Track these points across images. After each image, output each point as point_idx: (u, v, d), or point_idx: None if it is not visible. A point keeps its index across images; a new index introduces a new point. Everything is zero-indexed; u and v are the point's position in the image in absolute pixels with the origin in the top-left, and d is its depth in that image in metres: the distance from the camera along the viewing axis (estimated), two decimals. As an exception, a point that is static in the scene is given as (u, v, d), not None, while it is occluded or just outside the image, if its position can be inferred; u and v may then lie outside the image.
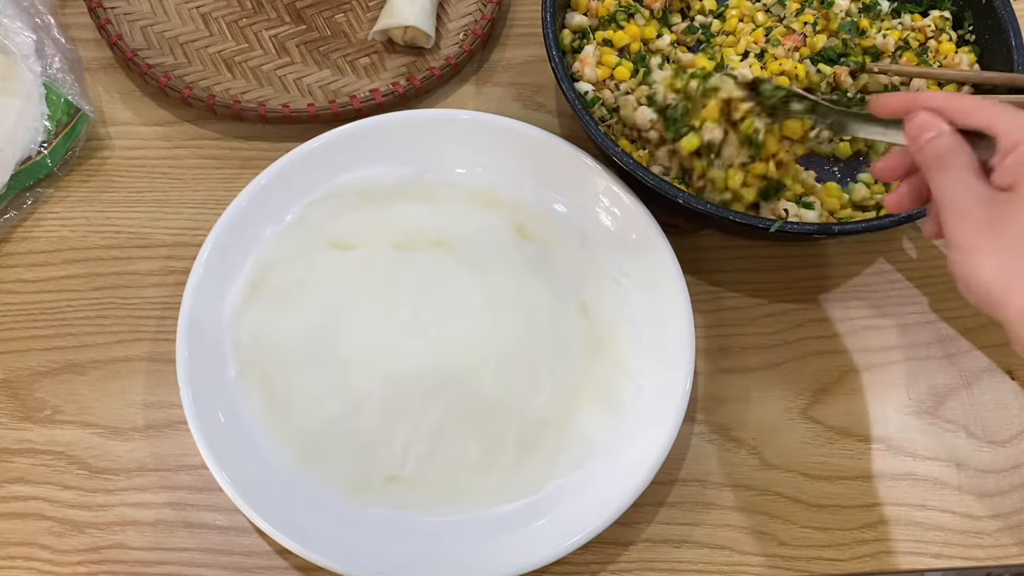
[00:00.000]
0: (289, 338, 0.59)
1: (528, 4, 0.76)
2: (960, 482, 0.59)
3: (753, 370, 0.62)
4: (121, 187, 0.66)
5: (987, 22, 0.66)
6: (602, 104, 0.64)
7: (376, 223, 0.63)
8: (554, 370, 0.59)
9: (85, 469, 0.57)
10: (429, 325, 0.60)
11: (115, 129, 0.68)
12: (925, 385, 0.62)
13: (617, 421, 0.58)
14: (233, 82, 0.69)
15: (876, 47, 0.67)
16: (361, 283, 0.61)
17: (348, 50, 0.71)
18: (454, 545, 0.54)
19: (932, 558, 0.57)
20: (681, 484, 0.59)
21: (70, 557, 0.55)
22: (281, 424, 0.57)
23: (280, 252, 0.61)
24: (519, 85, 0.72)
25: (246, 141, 0.68)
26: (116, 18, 0.69)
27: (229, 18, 0.71)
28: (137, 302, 0.62)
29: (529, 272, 0.62)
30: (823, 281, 0.66)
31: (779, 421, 0.61)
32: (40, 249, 0.64)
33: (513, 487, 0.56)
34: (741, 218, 0.57)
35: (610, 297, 0.61)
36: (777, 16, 0.69)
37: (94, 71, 0.70)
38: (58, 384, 0.59)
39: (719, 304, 0.64)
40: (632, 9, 0.67)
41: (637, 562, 0.56)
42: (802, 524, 0.58)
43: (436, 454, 0.57)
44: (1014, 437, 0.61)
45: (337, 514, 0.54)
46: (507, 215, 0.64)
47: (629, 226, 0.62)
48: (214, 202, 0.65)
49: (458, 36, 0.72)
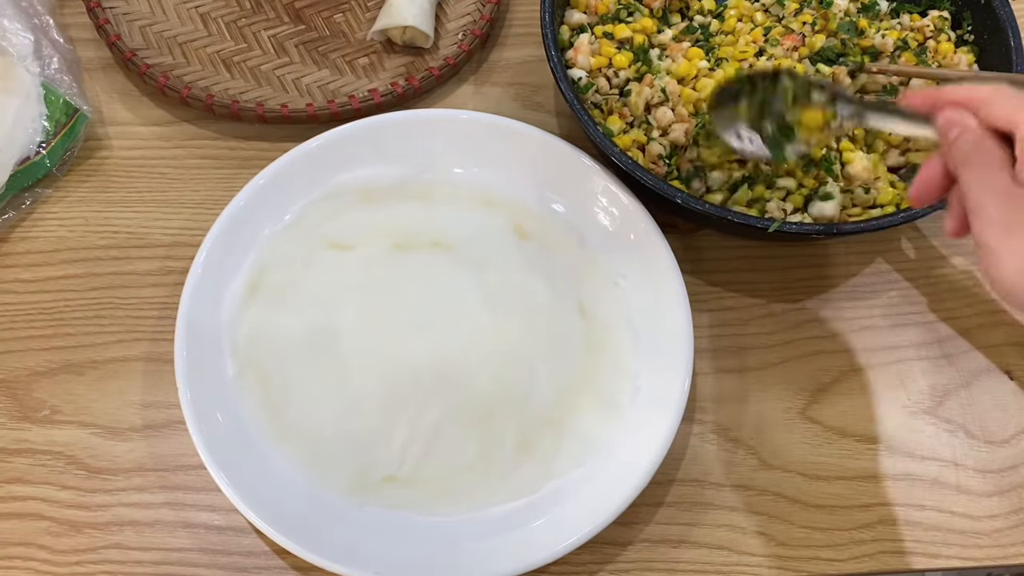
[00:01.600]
0: (287, 338, 0.59)
1: (527, 4, 0.76)
2: (959, 482, 0.59)
3: (752, 370, 0.62)
4: (119, 187, 0.66)
5: (986, 22, 0.66)
6: (596, 91, 0.64)
7: (375, 223, 0.63)
8: (552, 370, 0.59)
9: (83, 469, 0.57)
10: (427, 325, 0.60)
11: (113, 129, 0.68)
12: (924, 385, 0.62)
13: (616, 421, 0.58)
14: (232, 82, 0.69)
15: (875, 47, 0.67)
16: (359, 283, 0.61)
17: (347, 50, 0.71)
18: (452, 545, 0.54)
19: (931, 558, 0.57)
20: (679, 484, 0.59)
21: (68, 557, 0.55)
22: (279, 424, 0.57)
23: (279, 252, 0.61)
24: (518, 85, 0.72)
25: (244, 141, 0.68)
26: (115, 18, 0.69)
27: (228, 18, 0.71)
28: (135, 302, 0.62)
29: (528, 272, 0.62)
30: (822, 281, 0.66)
31: (778, 421, 0.61)
32: (38, 249, 0.64)
33: (511, 487, 0.56)
34: (740, 218, 0.57)
35: (608, 297, 0.61)
36: (776, 16, 0.69)
37: (92, 71, 0.70)
38: (56, 384, 0.59)
39: (718, 304, 0.64)
40: (632, 8, 0.67)
41: (635, 562, 0.56)
42: (801, 524, 0.58)
43: (434, 454, 0.57)
44: (1013, 437, 0.61)
45: (335, 514, 0.54)
46: (506, 215, 0.64)
47: (628, 226, 0.62)
48: (212, 202, 0.65)
49: (457, 36, 0.72)
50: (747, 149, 0.57)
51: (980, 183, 0.43)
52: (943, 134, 0.45)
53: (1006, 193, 0.42)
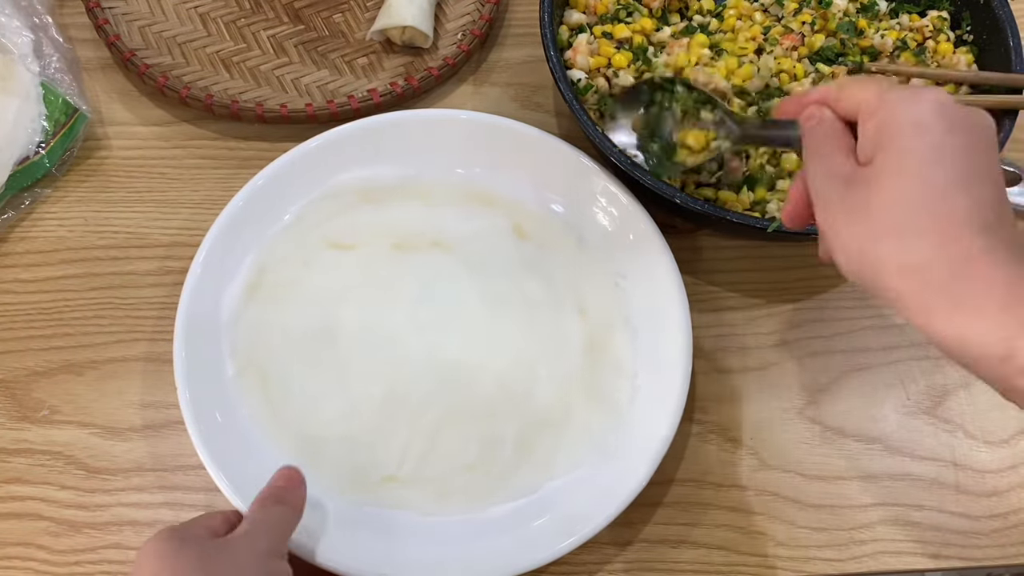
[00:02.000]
0: (287, 338, 0.59)
1: (526, 4, 0.76)
2: (958, 482, 0.59)
3: (751, 370, 0.62)
4: (119, 187, 0.66)
5: (985, 22, 0.66)
6: (595, 91, 0.64)
7: (374, 223, 0.63)
8: (552, 370, 0.59)
9: (82, 469, 0.57)
10: (427, 325, 0.60)
11: (113, 129, 0.68)
12: (923, 385, 0.62)
13: (615, 421, 0.58)
14: (231, 82, 0.69)
15: (874, 47, 0.67)
16: (359, 283, 0.61)
17: (346, 50, 0.71)
18: (453, 545, 0.54)
19: (930, 558, 0.57)
20: (679, 484, 0.59)
21: (67, 557, 0.55)
22: (279, 424, 0.57)
23: (278, 252, 0.61)
24: (517, 85, 0.72)
25: (244, 141, 0.68)
26: (114, 18, 0.69)
27: (227, 18, 0.71)
28: (135, 302, 0.62)
29: (527, 272, 0.62)
30: (822, 281, 0.66)
31: (777, 421, 0.61)
32: (38, 249, 0.64)
33: (511, 487, 0.56)
34: (739, 218, 0.57)
35: (608, 297, 0.61)
36: (775, 16, 0.69)
37: (92, 71, 0.70)
38: (55, 384, 0.59)
39: (717, 304, 0.64)
40: (631, 8, 0.67)
41: (635, 562, 0.56)
42: (800, 524, 0.58)
43: (434, 454, 0.57)
44: (1012, 437, 0.61)
45: (336, 514, 0.54)
46: (505, 215, 0.64)
47: (627, 226, 0.62)
48: (212, 202, 0.65)
49: (456, 36, 0.72)
50: (627, 146, 0.58)
51: (825, 170, 0.41)
52: (803, 130, 0.43)
53: (848, 178, 0.40)
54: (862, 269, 0.39)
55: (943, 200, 0.37)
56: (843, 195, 0.39)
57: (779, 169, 0.61)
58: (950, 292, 0.36)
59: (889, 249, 0.37)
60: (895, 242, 0.37)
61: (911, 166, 0.37)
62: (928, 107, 0.38)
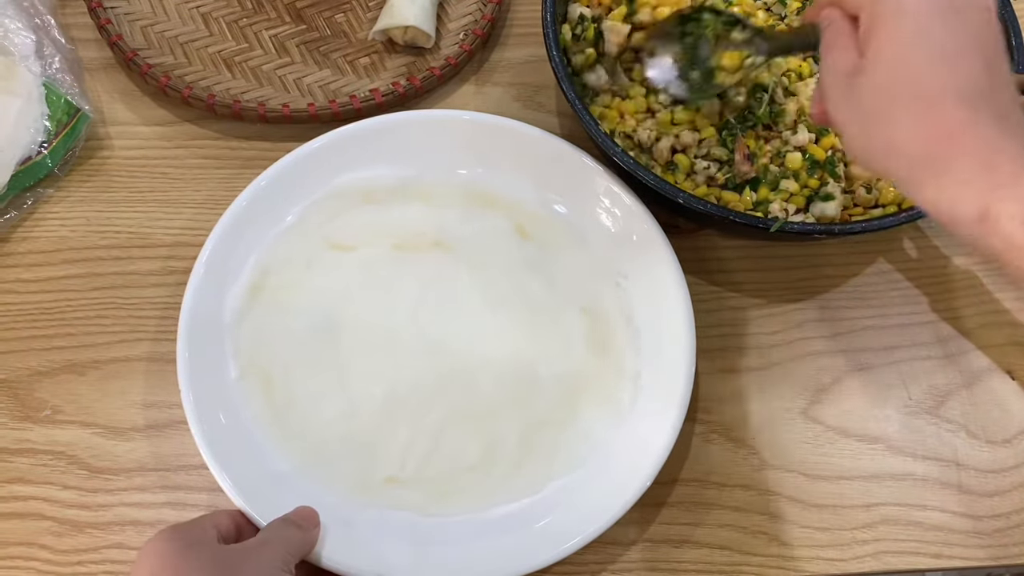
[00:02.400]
0: (290, 339, 0.59)
1: (528, 4, 0.76)
2: (960, 482, 0.59)
3: (753, 370, 0.62)
4: (121, 187, 0.66)
5: (987, 22, 0.66)
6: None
7: (376, 224, 0.63)
8: (554, 370, 0.59)
9: (85, 469, 0.57)
10: (429, 325, 0.60)
11: (115, 129, 0.68)
12: (925, 385, 0.62)
13: (617, 421, 0.58)
14: (233, 82, 0.69)
15: (876, 47, 0.66)
16: (361, 284, 0.61)
17: (348, 50, 0.71)
18: (454, 546, 0.54)
19: (932, 558, 0.57)
20: (682, 484, 0.59)
21: (69, 557, 0.55)
22: (281, 425, 0.57)
23: (281, 253, 0.61)
24: (519, 85, 0.72)
25: (246, 141, 0.68)
26: (116, 18, 0.69)
27: (229, 18, 0.71)
28: (137, 302, 0.62)
29: (529, 273, 0.62)
30: (823, 281, 0.66)
31: (779, 421, 0.61)
32: (40, 249, 0.64)
33: (514, 487, 0.56)
34: (741, 218, 0.57)
35: (610, 297, 0.61)
36: (778, 15, 0.69)
37: (94, 71, 0.70)
38: (58, 384, 0.59)
39: (719, 304, 0.64)
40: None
41: (638, 562, 0.56)
42: (802, 524, 0.58)
43: (436, 455, 0.57)
44: (1014, 437, 0.61)
45: (337, 514, 0.54)
46: (507, 216, 0.64)
47: (629, 226, 0.62)
48: (214, 202, 0.65)
49: (458, 36, 0.72)
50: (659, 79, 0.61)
51: (830, 65, 0.44)
52: (821, 32, 0.46)
53: (850, 70, 0.43)
54: (863, 154, 0.43)
55: (921, 80, 0.40)
56: (845, 86, 0.43)
57: (783, 169, 0.62)
58: (932, 165, 0.40)
59: (877, 132, 0.41)
60: (882, 125, 0.41)
61: (892, 52, 0.41)
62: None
